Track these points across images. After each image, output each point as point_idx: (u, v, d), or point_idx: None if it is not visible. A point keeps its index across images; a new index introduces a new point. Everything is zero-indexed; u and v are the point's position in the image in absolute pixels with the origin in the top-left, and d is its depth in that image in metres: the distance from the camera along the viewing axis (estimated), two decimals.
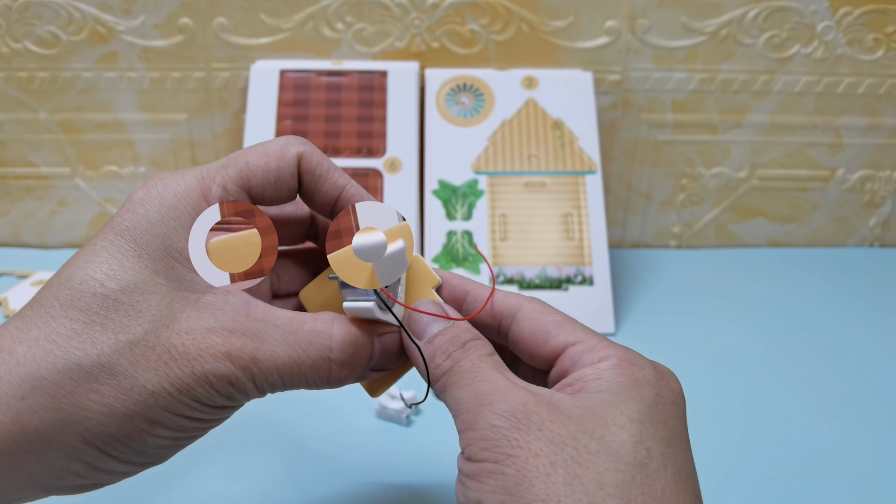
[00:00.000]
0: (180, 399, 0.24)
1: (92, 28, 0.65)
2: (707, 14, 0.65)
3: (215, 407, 0.25)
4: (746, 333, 0.58)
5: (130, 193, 0.27)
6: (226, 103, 0.68)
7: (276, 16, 0.65)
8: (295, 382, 0.26)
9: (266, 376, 0.25)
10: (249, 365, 0.24)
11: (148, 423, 0.23)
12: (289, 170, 0.28)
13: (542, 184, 0.63)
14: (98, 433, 0.23)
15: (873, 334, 0.57)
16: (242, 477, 0.41)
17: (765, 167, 0.71)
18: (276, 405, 0.46)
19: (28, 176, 0.71)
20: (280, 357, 0.25)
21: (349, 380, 0.28)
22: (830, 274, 0.69)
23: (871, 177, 0.72)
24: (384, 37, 0.66)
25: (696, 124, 0.69)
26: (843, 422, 0.47)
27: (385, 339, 0.28)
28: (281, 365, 0.25)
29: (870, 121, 0.69)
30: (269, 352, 0.25)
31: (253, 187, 0.28)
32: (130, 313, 0.23)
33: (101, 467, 0.24)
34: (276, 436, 0.44)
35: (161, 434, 0.24)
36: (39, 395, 0.22)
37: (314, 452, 0.42)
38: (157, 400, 0.23)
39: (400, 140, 0.65)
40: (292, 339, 0.25)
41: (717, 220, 0.74)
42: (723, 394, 0.50)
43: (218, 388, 0.24)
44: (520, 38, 0.66)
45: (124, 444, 0.23)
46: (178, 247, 0.25)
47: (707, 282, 0.67)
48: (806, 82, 0.68)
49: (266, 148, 0.28)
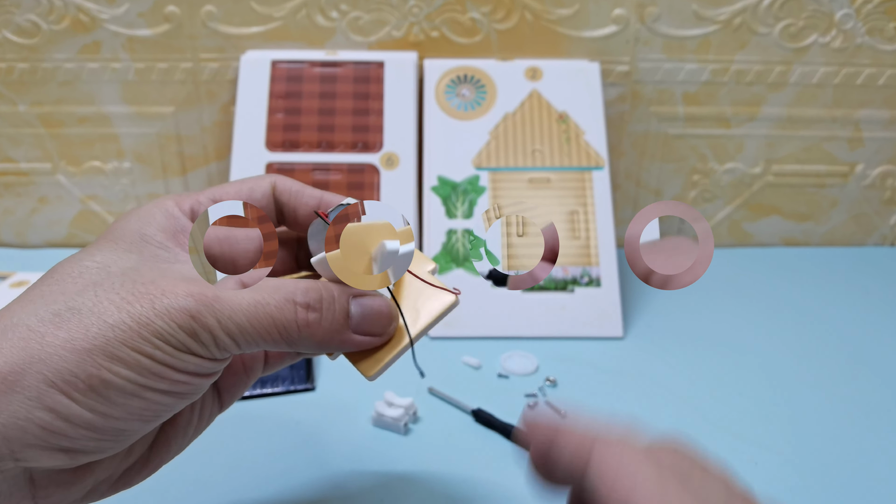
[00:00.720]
0: (140, 332, 0.25)
1: (74, 17, 0.63)
2: (720, 2, 0.64)
3: (176, 348, 0.25)
4: (761, 337, 0.57)
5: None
6: (214, 95, 0.67)
7: (267, 3, 0.64)
8: (263, 327, 0.27)
9: (230, 315, 0.26)
10: (212, 301, 0.26)
11: (107, 359, 0.24)
12: (260, 189, 0.31)
13: (547, 180, 0.62)
14: (59, 369, 0.24)
15: (895, 337, 0.57)
16: (237, 486, 0.41)
17: (780, 162, 0.70)
18: (271, 411, 0.47)
19: (7, 172, 0.69)
20: (244, 298, 0.26)
21: (324, 334, 0.28)
22: (849, 274, 0.68)
23: (892, 172, 0.71)
24: (381, 25, 0.65)
25: (709, 117, 0.68)
26: (864, 425, 0.47)
27: (364, 301, 0.29)
28: (245, 305, 0.26)
29: (891, 114, 0.68)
30: (232, 294, 0.26)
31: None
32: (102, 274, 0.26)
33: (65, 416, 0.24)
34: (272, 444, 0.44)
35: (121, 373, 0.25)
36: (10, 337, 0.24)
37: (310, 461, 0.43)
38: (117, 333, 0.24)
39: (397, 134, 0.64)
40: (258, 286, 0.27)
41: (731, 217, 0.73)
42: (737, 399, 0.49)
43: (179, 321, 0.25)
44: (523, 27, 0.65)
45: (84, 382, 0.24)
46: (150, 233, 0.28)
47: (720, 283, 0.66)
48: (823, 73, 0.66)
49: (239, 180, 0.32)
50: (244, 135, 0.63)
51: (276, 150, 0.63)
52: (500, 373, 0.52)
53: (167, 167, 0.69)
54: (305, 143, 0.63)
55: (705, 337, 0.57)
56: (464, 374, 0.52)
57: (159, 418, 0.27)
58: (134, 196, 0.70)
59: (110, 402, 0.25)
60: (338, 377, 0.50)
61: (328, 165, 0.63)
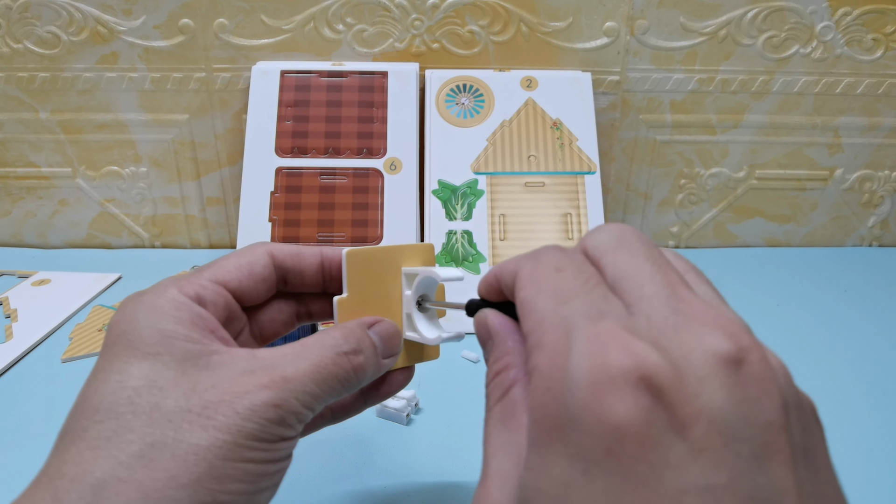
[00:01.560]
0: (237, 442, 0.23)
1: (93, 28, 0.65)
2: (706, 14, 0.65)
3: (271, 441, 0.24)
4: None
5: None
6: (227, 104, 0.68)
7: (276, 17, 0.65)
8: (330, 385, 0.26)
9: (303, 388, 0.25)
10: (284, 383, 0.25)
11: (216, 482, 0.23)
12: (260, 262, 0.29)
13: (542, 184, 0.63)
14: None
15: (872, 334, 0.57)
16: None
17: (763, 167, 0.71)
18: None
19: (29, 176, 0.71)
20: (305, 367, 0.26)
21: (371, 368, 0.28)
22: (829, 274, 0.68)
23: (870, 177, 0.72)
24: (384, 38, 0.66)
25: (695, 124, 0.69)
26: (840, 421, 0.46)
27: (378, 328, 0.29)
28: (309, 372, 0.25)
29: (868, 121, 0.69)
30: (292, 368, 0.25)
31: (228, 282, 0.29)
32: (155, 395, 0.23)
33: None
34: None
35: (233, 489, 0.23)
36: (106, 498, 0.21)
37: (313, 451, 0.42)
38: (215, 453, 0.23)
39: (400, 140, 0.65)
40: (304, 352, 0.26)
41: (716, 219, 0.74)
42: None
43: (267, 416, 0.24)
44: (519, 39, 0.66)
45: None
46: (170, 328, 0.25)
47: None
48: (805, 82, 0.68)
49: (234, 253, 0.30)
50: (255, 141, 0.64)
51: (285, 155, 0.64)
52: None
53: (182, 171, 0.71)
54: (313, 149, 0.64)
55: None
56: (462, 366, 0.52)
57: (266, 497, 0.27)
58: (150, 199, 0.72)
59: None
60: None
61: (334, 170, 0.63)
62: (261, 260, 0.29)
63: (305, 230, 0.62)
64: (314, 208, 0.63)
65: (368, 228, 0.62)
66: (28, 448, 0.42)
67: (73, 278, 0.66)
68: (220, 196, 0.72)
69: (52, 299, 0.61)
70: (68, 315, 0.59)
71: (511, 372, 0.23)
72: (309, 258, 0.31)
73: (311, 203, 0.63)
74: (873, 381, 0.51)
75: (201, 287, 0.27)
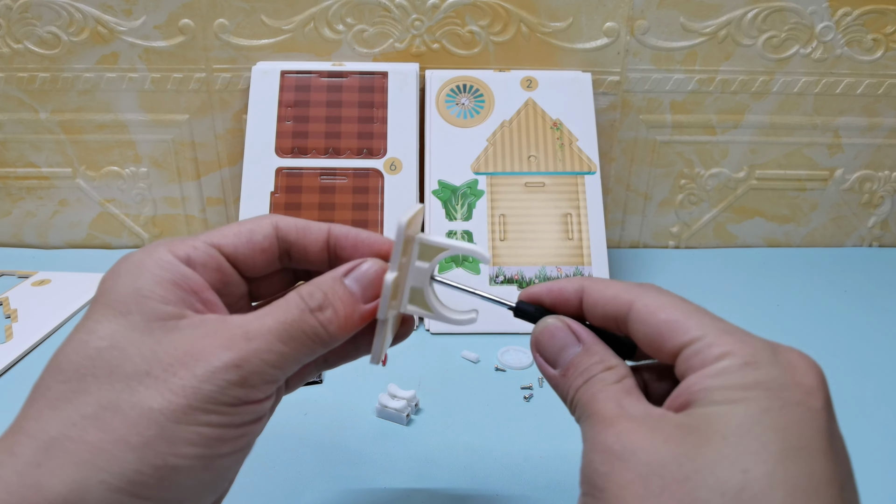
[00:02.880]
0: (191, 404, 0.23)
1: (93, 29, 0.65)
2: (706, 15, 0.65)
3: (232, 404, 0.24)
4: None
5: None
6: (227, 104, 0.68)
7: (276, 17, 0.65)
8: (300, 343, 0.26)
9: (268, 346, 0.25)
10: (246, 343, 0.24)
11: (168, 444, 0.22)
12: (262, 231, 0.29)
13: (542, 184, 0.63)
14: (121, 473, 0.22)
15: (872, 335, 0.57)
16: (241, 475, 0.39)
17: (763, 167, 0.71)
18: (280, 403, 0.45)
19: (29, 176, 0.71)
20: (269, 325, 0.25)
21: (344, 321, 0.27)
22: (829, 274, 0.68)
23: (870, 177, 0.72)
24: (384, 38, 0.66)
25: (695, 125, 0.69)
26: (841, 421, 0.46)
27: (355, 274, 0.28)
28: (274, 330, 0.25)
29: (868, 121, 0.69)
30: (255, 326, 0.25)
31: (223, 246, 0.28)
32: (117, 356, 0.23)
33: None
34: (277, 435, 0.44)
35: (187, 453, 0.23)
36: (55, 456, 0.21)
37: (314, 451, 0.42)
38: (168, 416, 0.22)
39: (400, 141, 0.65)
40: (270, 311, 0.26)
41: (716, 220, 0.74)
42: None
43: (227, 377, 0.23)
44: (519, 40, 0.66)
45: (152, 477, 0.22)
46: (147, 287, 0.25)
47: (706, 282, 0.67)
48: (805, 83, 0.68)
49: (238, 223, 0.29)
50: (255, 141, 0.64)
51: (285, 155, 0.63)
52: (497, 367, 0.52)
53: (182, 172, 0.71)
54: (313, 150, 0.64)
55: None
56: (463, 367, 0.52)
57: (229, 480, 0.26)
58: (151, 199, 0.72)
59: (182, 486, 0.23)
60: (343, 372, 0.49)
61: (335, 170, 0.63)
62: (263, 229, 0.29)
63: None
64: (314, 208, 0.63)
65: (368, 229, 0.62)
66: None
67: (73, 278, 0.66)
68: (221, 196, 0.72)
69: (52, 299, 0.61)
70: (68, 315, 0.59)
71: (622, 370, 0.25)
72: (315, 233, 0.29)
73: (312, 203, 0.63)
74: (874, 381, 0.51)
75: (193, 248, 0.27)
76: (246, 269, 0.29)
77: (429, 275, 0.29)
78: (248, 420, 0.25)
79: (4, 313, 0.59)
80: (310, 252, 0.30)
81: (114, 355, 0.23)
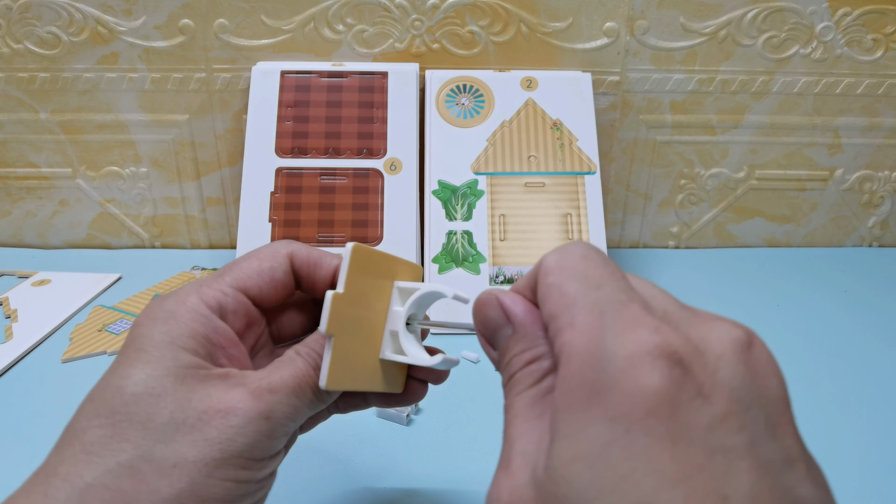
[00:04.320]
0: (223, 459, 0.24)
1: (93, 29, 0.65)
2: (706, 15, 0.65)
3: (260, 459, 0.25)
4: None
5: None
6: (227, 104, 0.68)
7: (276, 17, 0.65)
8: (307, 396, 0.27)
9: (287, 400, 0.26)
10: (270, 395, 0.25)
11: (197, 498, 0.23)
12: (281, 268, 0.30)
13: (542, 184, 0.63)
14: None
15: (872, 335, 0.57)
16: None
17: (763, 167, 0.72)
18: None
19: (29, 176, 0.71)
20: (285, 377, 0.26)
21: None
22: (829, 274, 0.68)
23: (870, 177, 0.72)
24: (384, 38, 0.66)
25: (695, 125, 0.69)
26: (840, 421, 0.46)
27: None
28: (289, 383, 0.26)
29: (868, 121, 0.70)
30: (276, 377, 0.26)
31: (249, 288, 0.29)
32: (152, 403, 0.24)
33: None
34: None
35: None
36: (91, 502, 0.22)
37: (314, 451, 0.42)
38: (200, 469, 0.23)
39: (400, 141, 0.65)
40: (281, 365, 0.27)
41: (716, 220, 0.74)
42: None
43: (258, 430, 0.25)
44: (519, 40, 0.66)
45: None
46: (181, 339, 0.26)
47: (705, 282, 0.67)
48: (805, 83, 0.68)
49: (257, 253, 0.30)
50: (255, 141, 0.64)
51: (285, 156, 0.64)
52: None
53: (182, 172, 0.71)
54: (313, 150, 0.64)
55: None
56: (463, 367, 0.52)
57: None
58: (151, 199, 0.72)
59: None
60: None
61: (335, 170, 0.63)
62: (282, 266, 0.30)
63: (305, 231, 0.62)
64: (314, 209, 0.63)
65: (368, 229, 0.62)
66: (28, 448, 0.42)
67: (73, 278, 0.66)
68: (221, 196, 0.72)
69: (52, 299, 0.61)
70: (68, 315, 0.59)
71: (545, 362, 0.22)
72: (325, 269, 0.30)
73: (312, 203, 0.63)
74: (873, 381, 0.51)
75: (223, 294, 0.28)
76: (266, 305, 0.30)
77: (403, 318, 0.30)
78: (267, 474, 0.26)
79: (4, 313, 0.59)
80: (317, 287, 0.31)
81: (149, 402, 0.24)
